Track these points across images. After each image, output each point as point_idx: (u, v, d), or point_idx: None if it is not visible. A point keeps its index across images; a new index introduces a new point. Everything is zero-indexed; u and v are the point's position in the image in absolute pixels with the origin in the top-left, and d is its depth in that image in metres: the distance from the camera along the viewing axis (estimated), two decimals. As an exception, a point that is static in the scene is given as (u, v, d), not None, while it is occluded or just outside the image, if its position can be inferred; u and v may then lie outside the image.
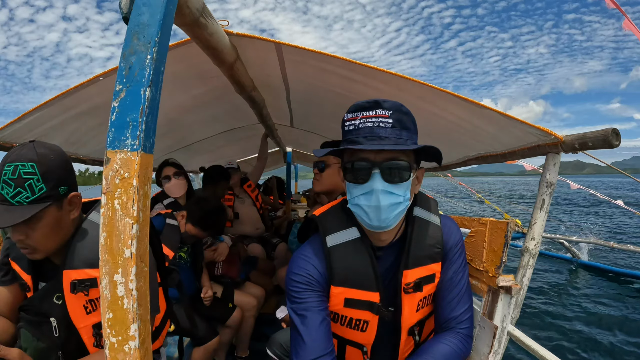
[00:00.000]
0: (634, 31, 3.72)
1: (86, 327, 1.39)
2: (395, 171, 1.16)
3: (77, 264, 1.34)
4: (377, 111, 1.15)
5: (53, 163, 1.28)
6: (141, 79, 0.74)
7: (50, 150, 1.31)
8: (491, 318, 1.45)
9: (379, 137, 1.14)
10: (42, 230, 1.28)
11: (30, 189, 1.22)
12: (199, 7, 1.17)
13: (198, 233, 2.65)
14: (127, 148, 0.73)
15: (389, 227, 1.21)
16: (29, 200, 1.22)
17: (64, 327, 1.39)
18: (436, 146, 1.17)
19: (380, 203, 1.15)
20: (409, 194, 1.20)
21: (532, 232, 1.65)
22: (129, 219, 0.73)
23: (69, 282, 1.33)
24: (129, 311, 0.74)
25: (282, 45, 1.63)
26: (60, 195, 1.30)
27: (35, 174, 1.23)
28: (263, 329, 3.48)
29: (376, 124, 1.15)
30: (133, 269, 0.74)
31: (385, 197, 1.15)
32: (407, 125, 1.17)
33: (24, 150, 1.25)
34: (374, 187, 1.15)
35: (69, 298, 1.35)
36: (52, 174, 1.27)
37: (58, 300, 1.38)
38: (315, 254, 1.30)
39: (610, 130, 1.33)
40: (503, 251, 1.45)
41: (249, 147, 6.09)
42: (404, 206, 1.19)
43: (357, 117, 1.17)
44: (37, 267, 1.46)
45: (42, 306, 1.40)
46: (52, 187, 1.27)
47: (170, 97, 2.47)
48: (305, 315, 1.23)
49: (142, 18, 0.76)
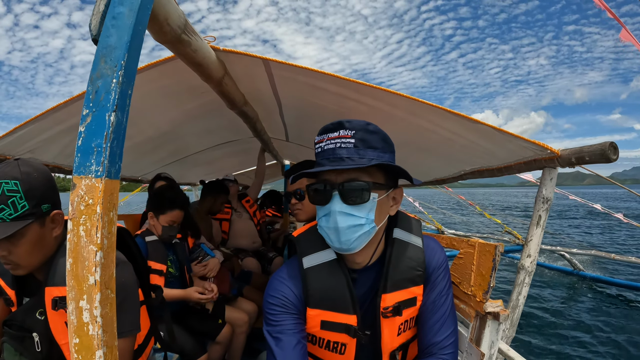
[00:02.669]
0: (632, 41, 3.73)
1: (68, 343, 1.38)
2: (353, 192, 1.13)
3: (58, 281, 1.35)
4: (340, 132, 1.14)
5: (36, 181, 1.29)
6: (106, 104, 0.72)
7: (34, 168, 1.32)
8: (478, 344, 1.42)
9: (340, 157, 1.13)
10: (25, 247, 1.30)
11: (13, 206, 1.23)
12: (181, 24, 1.17)
13: (170, 219, 2.64)
14: (92, 174, 0.72)
15: (352, 250, 1.19)
16: (12, 218, 1.24)
17: (46, 342, 1.40)
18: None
19: (338, 225, 1.13)
20: (373, 215, 1.17)
21: (528, 249, 1.62)
22: (93, 246, 0.72)
23: (50, 299, 1.34)
24: (94, 337, 0.73)
25: (270, 61, 1.62)
26: (42, 213, 1.32)
27: (19, 192, 1.24)
28: (256, 344, 3.44)
29: (338, 145, 1.14)
30: (97, 296, 0.73)
31: (344, 218, 1.13)
32: (373, 145, 1.15)
33: (7, 168, 1.26)
34: (332, 208, 1.14)
35: (51, 314, 1.36)
36: (35, 192, 1.28)
37: (41, 316, 1.39)
38: (291, 276, 1.28)
39: (608, 144, 1.31)
40: (491, 275, 1.41)
41: (246, 160, 6.09)
42: (367, 228, 1.16)
43: (324, 139, 1.18)
44: (21, 282, 1.48)
45: (25, 321, 1.41)
46: (35, 205, 1.28)
47: (162, 110, 2.47)
48: (280, 338, 1.21)
49: (110, 40, 0.74)
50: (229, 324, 2.95)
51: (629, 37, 3.69)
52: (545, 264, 10.22)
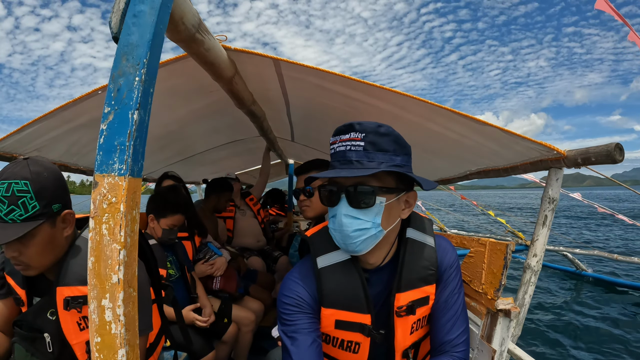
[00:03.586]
0: (638, 43, 3.73)
1: (79, 343, 1.39)
2: (359, 196, 1.14)
3: (70, 281, 1.34)
4: (351, 134, 1.15)
5: (46, 181, 1.28)
6: (129, 102, 0.72)
7: (44, 168, 1.31)
8: (489, 341, 1.42)
9: (350, 161, 1.14)
10: (35, 247, 1.29)
11: (24, 206, 1.22)
12: (195, 23, 1.17)
13: (171, 223, 2.61)
14: (115, 172, 0.72)
15: (359, 252, 1.20)
16: (22, 218, 1.23)
17: (57, 343, 1.39)
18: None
19: (343, 227, 1.15)
20: (379, 219, 1.17)
21: (535, 248, 1.62)
22: (117, 245, 0.72)
23: (62, 299, 1.33)
24: (116, 336, 0.73)
25: (281, 61, 1.62)
26: (53, 213, 1.31)
27: (29, 192, 1.23)
28: (262, 342, 3.44)
29: (348, 148, 1.15)
30: (121, 295, 0.73)
31: (349, 221, 1.14)
32: (383, 147, 1.14)
33: (17, 168, 1.25)
34: (338, 210, 1.15)
35: (63, 314, 1.35)
36: (46, 192, 1.27)
37: (52, 316, 1.39)
38: (305, 275, 1.29)
39: (614, 145, 1.31)
40: (502, 273, 1.42)
41: (251, 159, 6.10)
42: (373, 232, 1.16)
43: (336, 140, 1.18)
44: (31, 282, 1.47)
45: (36, 321, 1.40)
46: (45, 205, 1.27)
47: (169, 110, 2.47)
48: (296, 337, 1.22)
49: (132, 38, 0.75)
50: (235, 322, 2.95)
51: (635, 38, 3.70)
52: (548, 263, 10.20)
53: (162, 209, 2.60)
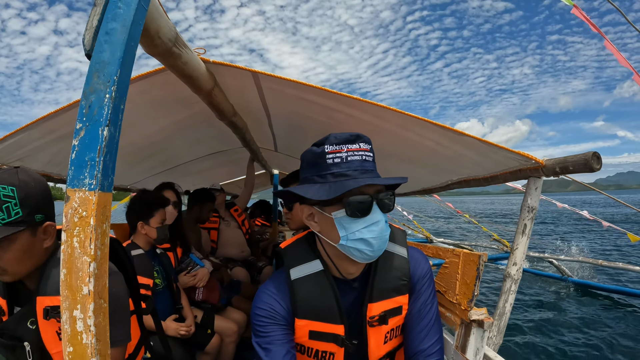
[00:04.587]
0: (614, 52, 3.82)
1: (59, 352, 1.40)
2: (389, 202, 1.19)
3: (50, 290, 1.35)
4: (361, 145, 1.18)
5: (33, 191, 1.31)
6: (99, 118, 0.74)
7: (32, 178, 1.34)
8: (464, 351, 1.44)
9: (368, 170, 1.18)
10: (13, 253, 1.30)
11: (7, 211, 1.24)
12: (172, 37, 1.19)
13: (160, 219, 2.65)
14: (86, 187, 0.74)
15: (377, 257, 1.22)
16: (4, 223, 1.24)
17: (37, 351, 1.40)
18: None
19: (384, 233, 1.17)
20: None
21: (514, 257, 1.65)
22: (87, 257, 0.74)
23: (42, 308, 1.34)
24: (87, 346, 0.75)
25: (259, 74, 1.64)
26: (35, 222, 1.32)
27: (14, 198, 1.26)
28: (245, 353, 3.43)
29: (364, 157, 1.18)
30: (91, 306, 0.74)
31: (386, 226, 1.19)
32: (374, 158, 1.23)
33: (6, 175, 1.28)
34: (378, 218, 1.16)
35: (42, 324, 1.36)
36: (30, 201, 1.30)
37: (32, 325, 1.39)
38: (279, 288, 1.30)
39: (591, 154, 1.33)
40: (475, 284, 1.44)
41: (235, 170, 6.09)
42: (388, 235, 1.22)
43: (343, 149, 1.17)
44: (12, 291, 1.47)
45: (17, 330, 1.40)
46: (28, 214, 1.29)
47: (152, 121, 2.47)
48: (270, 349, 1.23)
49: (103, 56, 0.76)
50: (218, 333, 2.94)
51: (612, 48, 3.78)
52: (533, 270, 10.30)
53: (147, 211, 2.63)
